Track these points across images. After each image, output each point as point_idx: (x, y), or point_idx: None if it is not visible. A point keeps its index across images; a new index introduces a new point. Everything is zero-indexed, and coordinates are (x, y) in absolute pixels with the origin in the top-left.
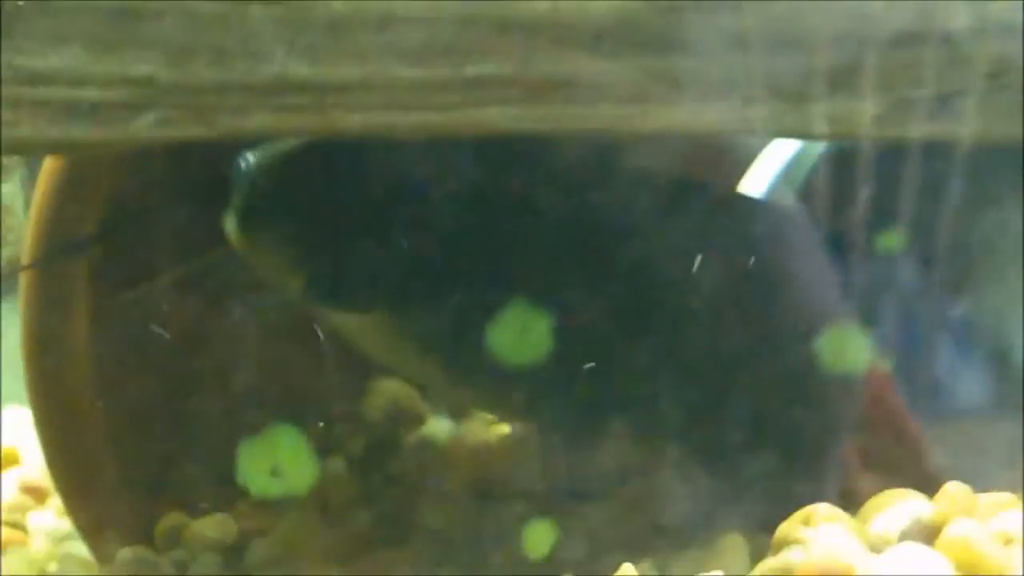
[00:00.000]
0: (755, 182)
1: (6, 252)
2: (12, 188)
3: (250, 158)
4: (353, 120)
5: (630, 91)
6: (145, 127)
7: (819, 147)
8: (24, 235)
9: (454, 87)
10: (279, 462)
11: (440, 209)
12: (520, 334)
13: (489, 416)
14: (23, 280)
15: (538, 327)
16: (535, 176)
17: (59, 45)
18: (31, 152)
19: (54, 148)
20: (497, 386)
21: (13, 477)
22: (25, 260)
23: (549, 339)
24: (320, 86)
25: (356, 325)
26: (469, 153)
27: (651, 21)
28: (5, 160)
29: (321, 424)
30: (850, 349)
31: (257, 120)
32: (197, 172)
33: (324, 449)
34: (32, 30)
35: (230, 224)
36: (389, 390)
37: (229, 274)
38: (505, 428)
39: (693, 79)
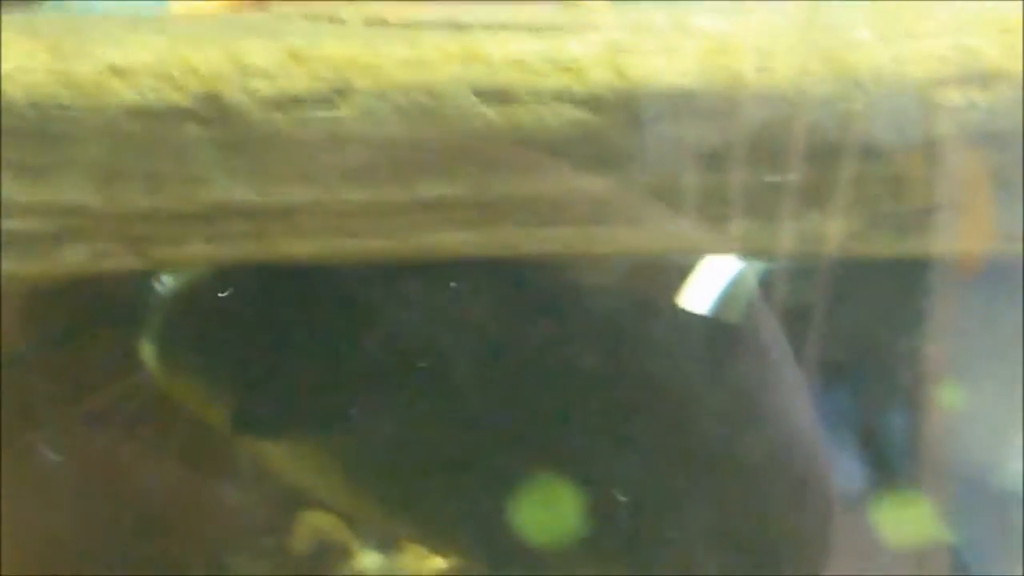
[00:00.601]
0: (696, 299)
1: None
2: None
3: (165, 281)
4: (299, 247)
5: (594, 210)
6: (76, 259)
7: (758, 265)
8: None
9: (405, 210)
10: None
11: (372, 333)
12: (549, 510)
13: (422, 549)
14: None
15: (566, 503)
16: (476, 295)
17: None
18: None
19: None
20: (437, 518)
21: None
22: None
23: (578, 516)
24: (263, 211)
25: (282, 454)
26: (401, 274)
27: (614, 135)
28: None
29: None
30: (912, 518)
31: (195, 249)
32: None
33: None
34: None
35: (147, 352)
36: (315, 522)
37: (143, 403)
38: (439, 562)
39: (659, 197)
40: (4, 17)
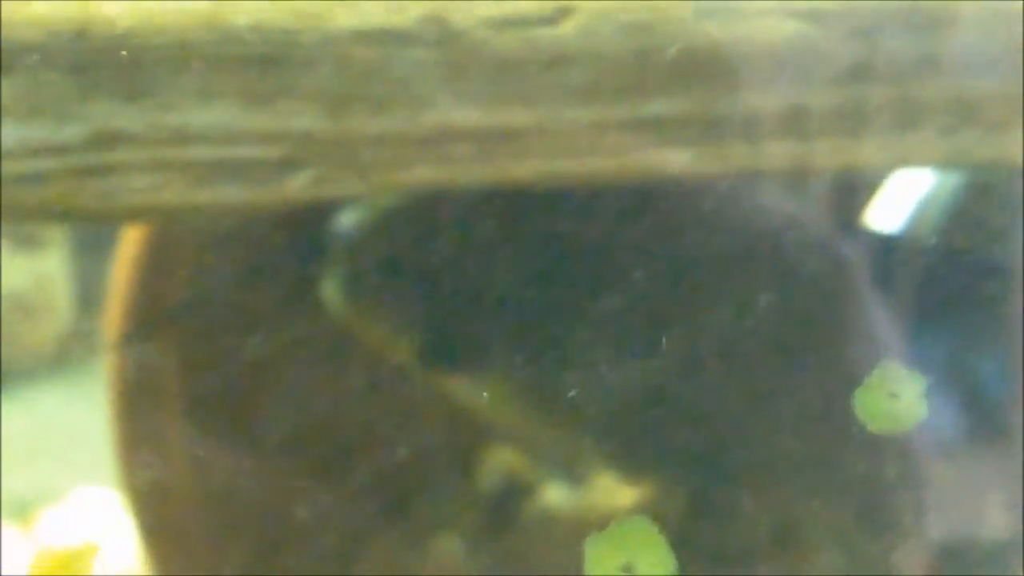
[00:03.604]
0: (887, 216)
1: (50, 327)
2: (54, 260)
3: (346, 220)
4: (524, 168)
5: (819, 125)
6: (300, 186)
7: (952, 179)
8: (107, 309)
9: (629, 128)
10: (633, 560)
11: (557, 261)
12: (889, 398)
13: (611, 482)
14: (109, 359)
15: (909, 390)
16: (650, 221)
17: (209, 100)
18: (174, 218)
19: (199, 212)
20: (637, 443)
21: None
22: (109, 335)
23: (922, 404)
24: (488, 133)
25: (469, 387)
26: (579, 202)
27: (835, 47)
28: (45, 231)
29: (432, 498)
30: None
31: (419, 173)
32: (282, 238)
33: (434, 526)
34: (179, 84)
35: (331, 291)
36: (502, 458)
37: (320, 344)
38: (628, 494)
39: (887, 108)
40: None
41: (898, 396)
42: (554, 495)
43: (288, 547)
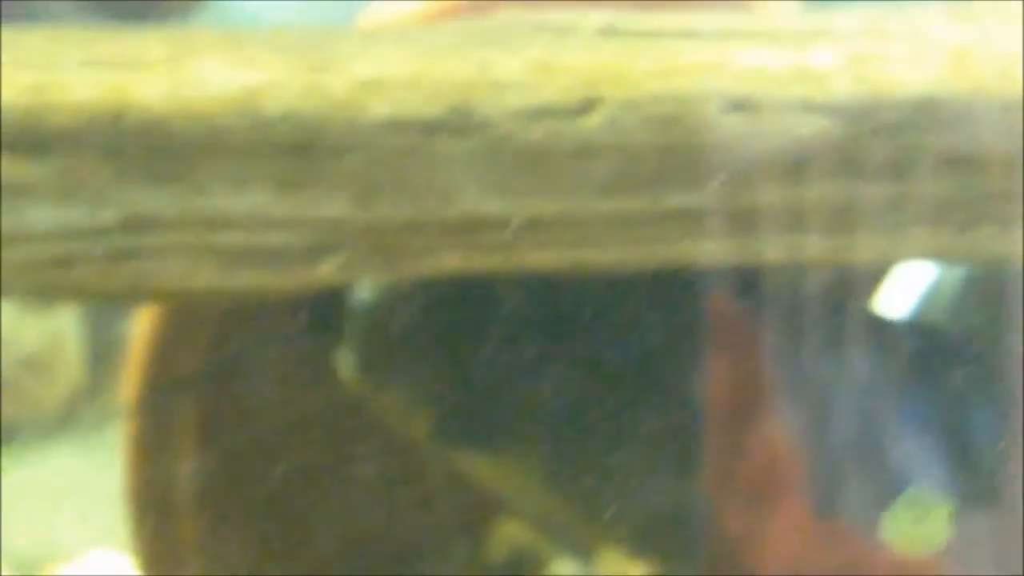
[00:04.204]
0: (892, 304)
1: (62, 386)
2: (67, 320)
3: (364, 292)
4: (547, 258)
5: (833, 219)
6: (329, 271)
7: (958, 272)
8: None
9: (652, 220)
10: None
11: (574, 343)
12: (916, 522)
13: (620, 556)
14: (127, 423)
15: (936, 515)
16: (671, 303)
17: (240, 186)
18: (205, 302)
19: (231, 296)
20: (649, 524)
21: None
22: (127, 400)
23: (948, 527)
24: (513, 222)
25: (481, 462)
26: (605, 290)
27: (858, 144)
28: None
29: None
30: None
31: (447, 260)
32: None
33: None
34: (212, 170)
35: (348, 362)
36: (509, 531)
37: (337, 416)
38: (637, 569)
39: (904, 205)
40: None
41: (924, 520)
42: (561, 570)
43: None
